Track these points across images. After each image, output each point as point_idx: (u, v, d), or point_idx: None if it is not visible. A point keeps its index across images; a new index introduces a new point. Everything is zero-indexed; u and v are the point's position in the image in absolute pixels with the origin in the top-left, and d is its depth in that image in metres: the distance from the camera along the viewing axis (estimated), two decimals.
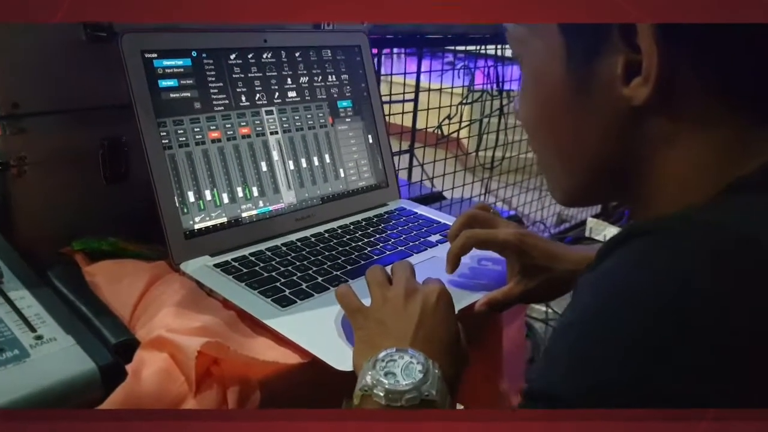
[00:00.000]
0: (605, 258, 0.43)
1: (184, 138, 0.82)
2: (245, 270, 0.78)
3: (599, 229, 2.65)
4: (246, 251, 0.83)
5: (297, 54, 0.95)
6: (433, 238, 0.93)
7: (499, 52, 2.02)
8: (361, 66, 1.04)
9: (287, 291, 0.74)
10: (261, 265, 0.80)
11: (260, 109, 0.90)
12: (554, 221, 2.71)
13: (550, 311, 2.07)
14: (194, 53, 0.84)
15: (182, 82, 0.82)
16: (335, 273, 0.80)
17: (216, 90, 0.86)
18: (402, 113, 1.71)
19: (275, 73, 0.92)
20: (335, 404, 0.61)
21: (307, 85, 0.97)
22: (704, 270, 0.37)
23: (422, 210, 1.04)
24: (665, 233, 0.41)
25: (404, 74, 1.76)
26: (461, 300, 0.74)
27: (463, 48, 2.12)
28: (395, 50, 1.92)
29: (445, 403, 0.54)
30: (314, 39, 0.99)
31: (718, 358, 0.35)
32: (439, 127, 1.89)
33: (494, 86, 2.03)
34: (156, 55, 0.80)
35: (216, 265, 0.79)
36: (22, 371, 0.54)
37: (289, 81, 0.94)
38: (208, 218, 0.83)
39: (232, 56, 0.88)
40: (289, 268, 0.80)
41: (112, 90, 0.82)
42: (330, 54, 1.00)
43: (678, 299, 0.36)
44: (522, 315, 1.09)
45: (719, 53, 0.42)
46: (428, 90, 1.83)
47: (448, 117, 1.89)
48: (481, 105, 2.03)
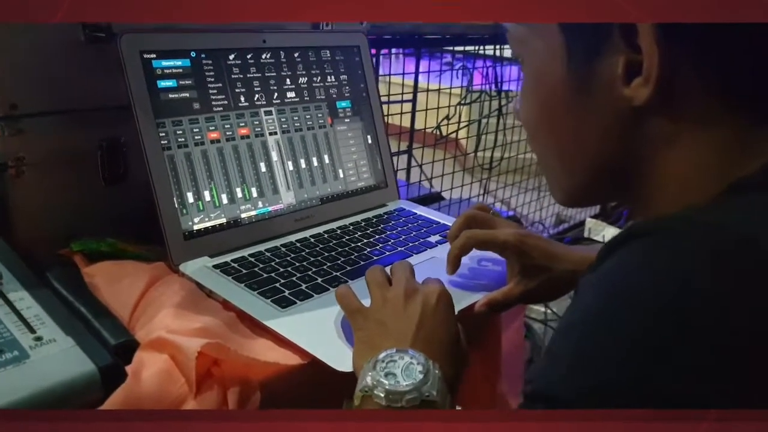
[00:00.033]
0: (606, 258, 0.43)
1: (183, 139, 0.82)
2: (245, 271, 0.78)
3: (598, 230, 2.65)
4: (245, 252, 0.83)
5: (296, 54, 0.95)
6: (433, 239, 0.93)
7: (498, 53, 2.02)
8: (360, 66, 1.04)
9: (287, 292, 0.74)
10: (260, 266, 0.80)
11: (259, 110, 0.90)
12: (553, 222, 2.71)
13: (549, 312, 2.07)
14: (193, 54, 0.84)
15: (181, 83, 0.82)
16: (335, 274, 0.80)
17: (215, 90, 0.86)
18: (401, 113, 1.71)
19: (274, 74, 0.92)
20: (335, 405, 0.61)
21: (306, 86, 0.96)
22: (704, 270, 0.37)
23: (422, 210, 1.04)
24: (666, 234, 0.41)
25: (403, 74, 1.76)
26: (461, 300, 0.74)
27: (462, 48, 2.12)
28: (393, 50, 1.92)
29: (446, 404, 0.54)
30: (313, 39, 0.99)
31: (718, 359, 0.35)
32: (438, 128, 1.89)
33: (493, 87, 2.03)
34: (155, 56, 0.80)
35: (215, 266, 0.79)
36: (22, 372, 0.53)
37: (288, 81, 0.94)
38: (208, 219, 0.83)
39: (231, 57, 0.88)
40: (289, 269, 0.80)
41: (111, 91, 0.82)
42: (329, 54, 1.00)
43: (678, 299, 0.36)
44: (521, 316, 1.09)
45: (720, 53, 0.42)
46: (426, 90, 1.83)
47: (447, 117, 1.89)
48: (480, 105, 2.03)
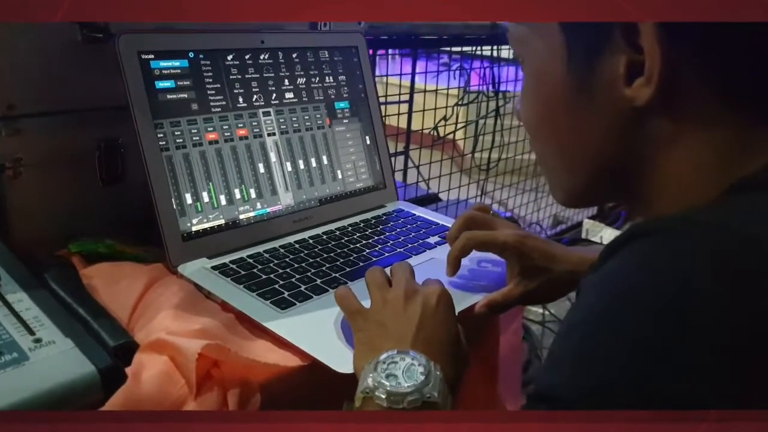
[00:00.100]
0: (608, 259, 0.42)
1: (182, 139, 0.81)
2: (243, 272, 0.78)
3: (596, 231, 2.65)
4: (244, 253, 0.83)
5: (294, 55, 0.95)
6: (432, 240, 0.93)
7: (495, 53, 2.02)
8: (359, 67, 1.04)
9: (286, 293, 0.74)
10: (259, 268, 0.79)
11: (257, 111, 0.90)
12: (550, 223, 2.71)
13: (547, 314, 2.07)
14: (191, 54, 0.83)
15: (179, 84, 0.82)
16: (334, 275, 0.80)
17: (213, 91, 0.85)
18: (398, 114, 1.71)
19: (272, 75, 0.92)
20: (336, 406, 0.61)
21: (305, 87, 0.96)
22: (706, 270, 0.37)
23: (420, 211, 1.04)
24: (667, 234, 0.40)
25: (400, 75, 1.76)
26: (461, 301, 0.74)
27: (459, 49, 2.12)
28: (390, 51, 1.92)
29: (447, 405, 0.54)
30: (311, 40, 0.99)
31: (720, 359, 0.35)
32: (435, 129, 1.89)
33: (490, 87, 2.03)
34: (153, 56, 0.79)
35: (214, 268, 0.79)
36: (21, 374, 0.53)
37: (287, 82, 0.94)
38: (206, 220, 0.82)
39: (229, 57, 0.87)
40: (288, 270, 0.79)
41: (109, 91, 0.81)
42: (327, 55, 1.00)
43: (680, 300, 0.36)
44: (519, 318, 1.09)
45: (722, 53, 0.42)
46: (424, 91, 1.83)
47: (444, 118, 1.89)
48: (477, 106, 2.03)
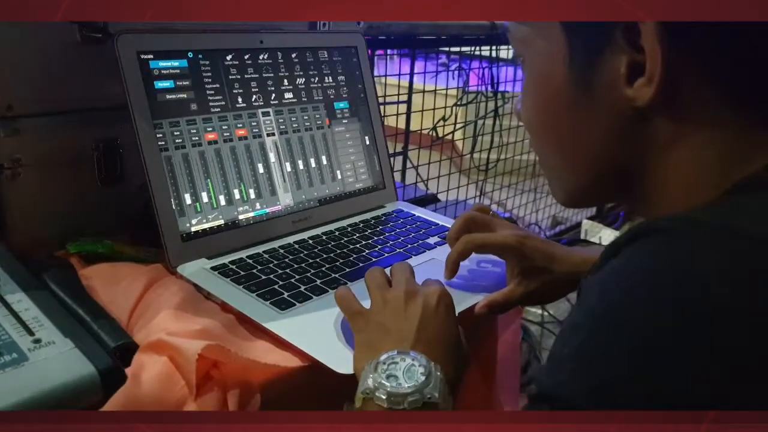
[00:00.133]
0: (609, 259, 0.43)
1: (181, 140, 0.81)
2: (243, 273, 0.78)
3: (594, 231, 2.65)
4: (243, 254, 0.83)
5: (293, 55, 0.95)
6: (432, 240, 0.93)
7: (494, 54, 2.02)
8: (358, 67, 1.04)
9: (286, 294, 0.74)
10: (259, 268, 0.79)
11: (257, 111, 0.90)
12: (549, 223, 2.71)
13: (546, 314, 2.07)
14: (190, 54, 0.83)
15: (178, 84, 0.82)
16: (334, 275, 0.79)
17: (212, 91, 0.85)
18: (396, 115, 1.71)
19: (272, 75, 0.92)
20: (336, 407, 0.61)
21: (304, 87, 0.96)
22: (707, 271, 0.37)
23: (420, 212, 1.03)
24: (668, 234, 0.40)
25: (398, 75, 1.76)
26: (461, 302, 0.73)
27: (458, 49, 2.12)
28: (389, 51, 1.92)
29: (448, 405, 0.54)
30: (310, 40, 0.99)
31: (721, 359, 0.35)
32: (434, 129, 1.88)
33: (489, 88, 2.03)
34: (152, 57, 0.79)
35: (213, 268, 0.78)
36: (21, 375, 0.53)
37: (286, 82, 0.94)
38: (205, 221, 0.82)
39: (229, 57, 0.87)
40: (287, 271, 0.79)
41: (108, 91, 0.81)
42: (326, 55, 1.00)
43: (681, 300, 0.36)
44: (518, 318, 1.09)
45: (723, 53, 0.42)
46: (422, 92, 1.83)
47: (443, 119, 1.89)
48: (476, 106, 2.02)
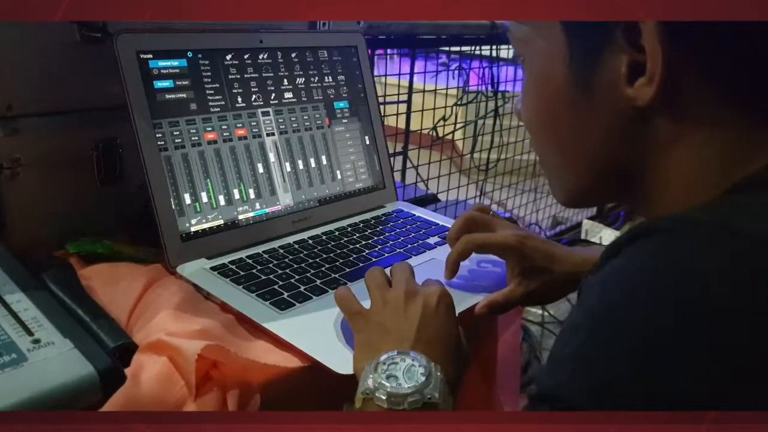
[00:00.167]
0: (610, 259, 0.42)
1: (180, 139, 0.81)
2: (242, 273, 0.78)
3: (595, 231, 2.64)
4: (243, 254, 0.83)
5: (293, 55, 0.95)
6: (432, 240, 0.93)
7: (494, 53, 2.02)
8: (358, 66, 1.04)
9: (285, 294, 0.74)
10: (258, 268, 0.79)
11: (256, 111, 0.90)
12: (549, 223, 2.71)
13: (546, 314, 2.07)
14: (190, 54, 0.83)
15: (178, 83, 0.82)
16: (333, 275, 0.79)
17: (212, 91, 0.85)
18: (396, 114, 1.71)
19: (271, 74, 0.92)
20: (336, 408, 0.61)
21: (304, 86, 0.96)
22: (708, 270, 0.37)
23: (420, 212, 1.03)
24: (669, 234, 0.40)
25: (398, 75, 1.75)
26: (461, 302, 0.73)
27: (458, 49, 2.12)
28: (388, 51, 1.92)
29: (448, 406, 0.54)
30: (310, 39, 0.98)
31: (722, 359, 0.35)
32: (434, 129, 1.88)
33: (489, 87, 2.03)
34: (151, 56, 0.79)
35: (213, 268, 0.78)
36: (20, 375, 0.53)
37: (286, 82, 0.94)
38: (205, 221, 0.82)
39: (228, 57, 0.87)
40: (287, 271, 0.79)
41: (107, 91, 0.81)
42: (326, 54, 0.99)
43: (681, 300, 0.36)
44: (518, 319, 1.08)
45: (723, 53, 0.42)
46: (423, 91, 1.83)
47: (443, 118, 1.88)
48: (476, 106, 2.02)
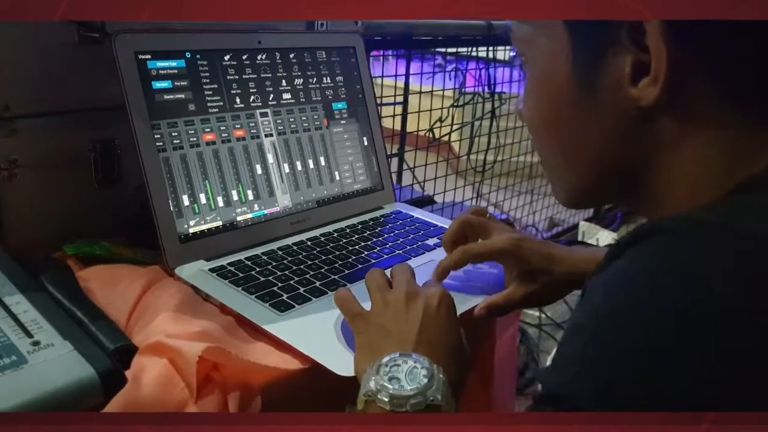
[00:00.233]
0: (613, 260, 0.42)
1: (179, 140, 0.81)
2: (241, 274, 0.77)
3: (592, 233, 2.64)
4: (242, 255, 0.82)
5: (291, 55, 0.95)
6: (431, 242, 0.92)
7: (491, 54, 2.02)
8: (356, 67, 1.04)
9: (285, 296, 0.73)
10: (257, 270, 0.79)
11: (255, 111, 0.89)
12: (546, 225, 2.70)
13: (544, 317, 2.07)
14: (188, 54, 0.83)
15: (176, 84, 0.81)
16: (333, 277, 0.79)
17: (210, 92, 0.85)
18: (393, 116, 1.70)
19: (270, 75, 0.92)
20: (336, 410, 0.60)
21: (302, 87, 0.96)
22: (711, 271, 0.37)
23: (419, 213, 1.03)
24: (672, 234, 0.40)
25: (395, 76, 1.75)
26: (461, 304, 0.73)
27: (454, 50, 2.11)
28: (384, 52, 1.91)
29: (451, 408, 0.53)
30: (308, 40, 0.98)
31: (726, 360, 0.35)
32: (430, 131, 1.88)
33: (486, 89, 2.02)
34: (150, 57, 0.79)
35: (212, 270, 0.78)
36: (20, 377, 0.52)
37: (284, 83, 0.93)
38: (203, 222, 0.82)
39: (227, 58, 0.87)
40: (286, 273, 0.79)
41: (105, 92, 0.81)
42: (324, 55, 0.99)
43: (685, 300, 0.36)
44: (516, 321, 1.08)
45: (728, 52, 0.42)
46: (419, 93, 1.83)
47: (440, 120, 1.88)
48: (473, 108, 2.02)
